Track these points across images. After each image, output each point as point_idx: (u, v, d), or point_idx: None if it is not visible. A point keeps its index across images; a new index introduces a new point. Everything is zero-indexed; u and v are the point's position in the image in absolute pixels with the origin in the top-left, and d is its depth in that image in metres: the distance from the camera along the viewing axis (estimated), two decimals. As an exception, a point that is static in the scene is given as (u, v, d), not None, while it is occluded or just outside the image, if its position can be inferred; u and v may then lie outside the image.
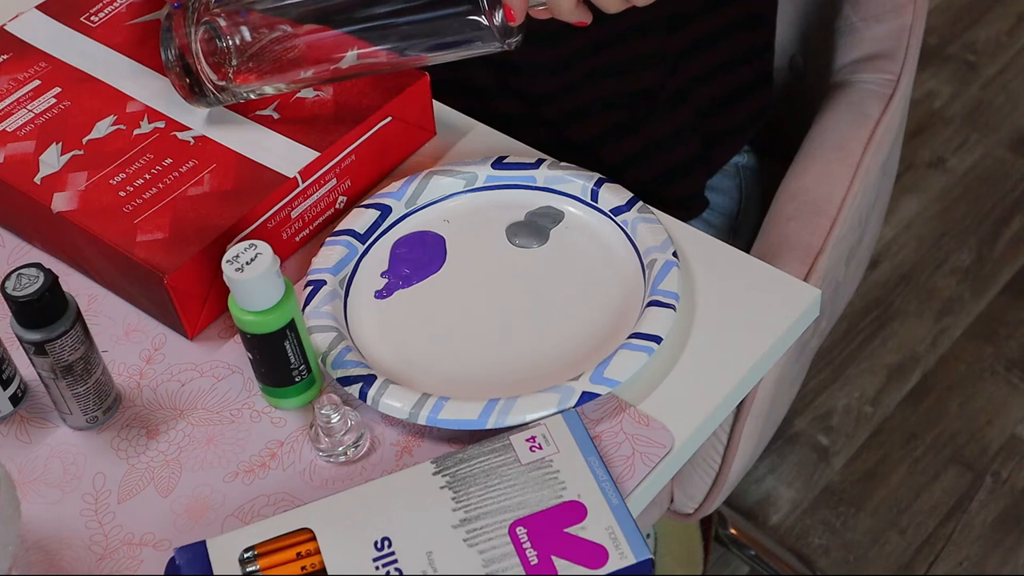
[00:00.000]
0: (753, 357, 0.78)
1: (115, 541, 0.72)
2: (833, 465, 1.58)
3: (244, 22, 0.81)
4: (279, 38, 0.81)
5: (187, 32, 0.82)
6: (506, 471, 0.71)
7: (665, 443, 0.74)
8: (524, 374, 0.78)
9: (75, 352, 0.74)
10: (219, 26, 0.82)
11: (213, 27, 0.82)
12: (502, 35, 0.77)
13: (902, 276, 1.79)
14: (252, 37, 0.82)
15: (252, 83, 0.84)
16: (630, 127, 1.03)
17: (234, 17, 0.82)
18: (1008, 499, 1.53)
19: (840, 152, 1.03)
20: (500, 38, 0.77)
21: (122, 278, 0.83)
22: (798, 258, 0.97)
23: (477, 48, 0.79)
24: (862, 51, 1.10)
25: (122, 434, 0.78)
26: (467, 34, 0.78)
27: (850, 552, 1.50)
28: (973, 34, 2.15)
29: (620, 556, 0.66)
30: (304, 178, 0.85)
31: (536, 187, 0.88)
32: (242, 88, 0.84)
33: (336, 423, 0.73)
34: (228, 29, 0.82)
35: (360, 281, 0.84)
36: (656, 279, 0.80)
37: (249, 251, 0.71)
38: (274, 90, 0.85)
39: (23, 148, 0.87)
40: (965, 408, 1.63)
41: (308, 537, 0.69)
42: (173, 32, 0.83)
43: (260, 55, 0.82)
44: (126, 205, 0.83)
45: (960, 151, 1.96)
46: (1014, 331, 1.71)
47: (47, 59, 0.94)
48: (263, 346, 0.74)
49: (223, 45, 0.82)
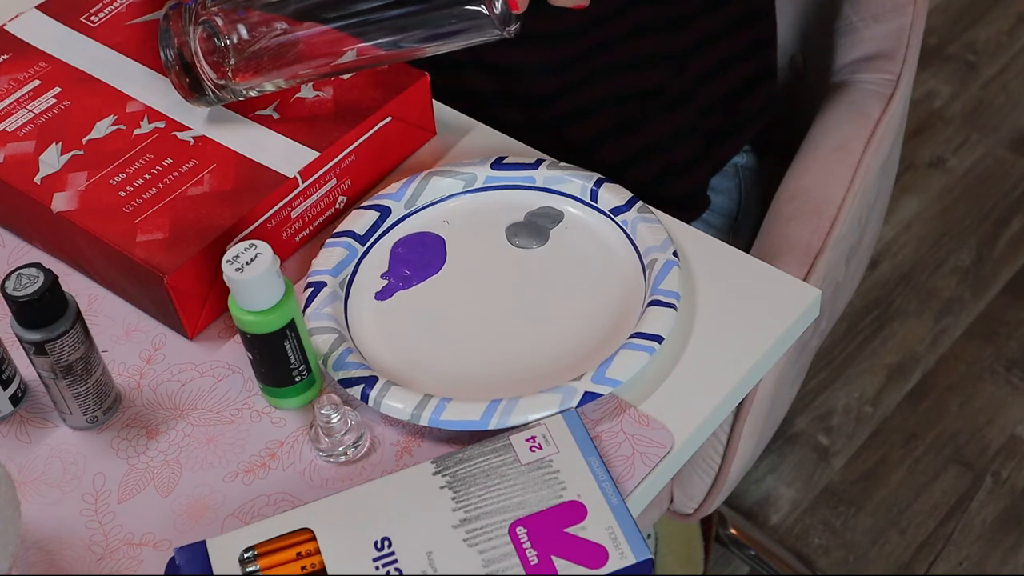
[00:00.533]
0: (753, 357, 0.78)
1: (115, 541, 0.72)
2: (833, 465, 1.58)
3: (242, 20, 0.81)
4: (277, 35, 0.81)
5: (185, 31, 0.82)
6: (506, 471, 0.71)
7: (665, 443, 0.74)
8: (525, 374, 0.78)
9: (75, 352, 0.74)
10: (217, 25, 0.82)
11: (211, 26, 0.82)
12: (502, 22, 0.76)
13: (902, 276, 1.79)
14: (250, 35, 0.81)
15: (252, 80, 0.84)
16: (632, 126, 1.03)
17: (231, 15, 0.82)
18: (1008, 499, 1.53)
19: (840, 152, 1.03)
20: (500, 25, 0.76)
21: (122, 278, 0.83)
22: (798, 258, 0.97)
23: (476, 37, 0.78)
24: (862, 51, 1.10)
25: (122, 434, 0.78)
26: (466, 22, 0.77)
27: (850, 552, 1.50)
28: (973, 34, 2.15)
29: (620, 556, 0.66)
30: (304, 178, 0.85)
31: (536, 187, 0.88)
32: (241, 86, 0.84)
33: (336, 423, 0.73)
34: (226, 27, 0.81)
35: (360, 282, 0.84)
36: (657, 279, 0.80)
37: (249, 251, 0.71)
38: (274, 87, 0.85)
39: (23, 148, 0.87)
40: (965, 408, 1.63)
41: (308, 537, 0.69)
42: (171, 32, 0.83)
43: (259, 52, 0.82)
44: (126, 205, 0.83)
45: (960, 151, 1.96)
46: (1014, 331, 1.71)
47: (47, 59, 0.94)
48: (263, 346, 0.74)
49: (221, 44, 0.82)
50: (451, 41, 0.79)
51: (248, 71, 0.83)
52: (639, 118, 1.03)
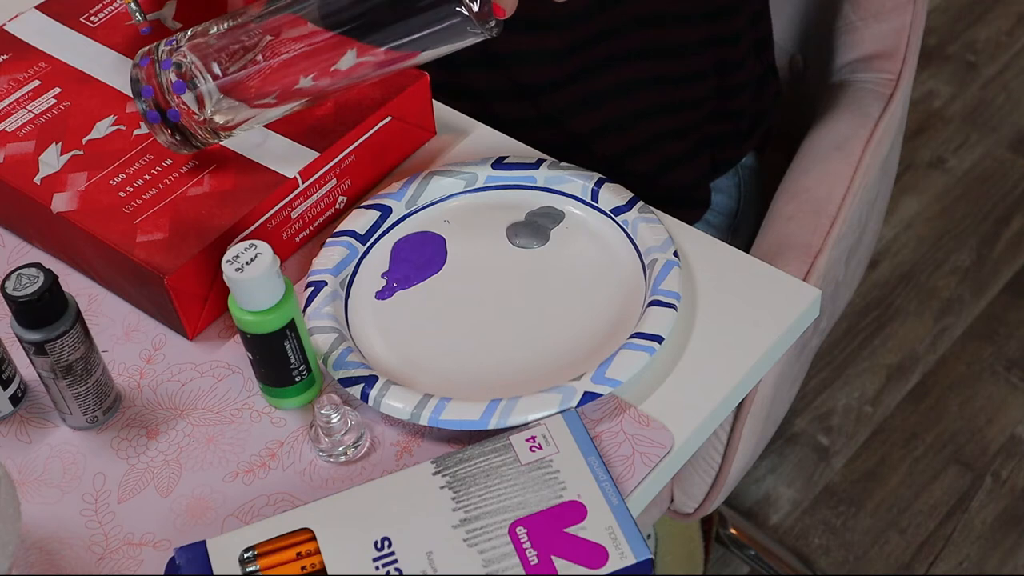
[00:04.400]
0: (753, 357, 0.78)
1: (115, 541, 0.72)
2: (833, 465, 1.58)
3: (215, 54, 0.79)
4: (255, 62, 0.79)
5: (166, 98, 0.80)
6: (506, 471, 0.71)
7: (665, 443, 0.74)
8: (525, 374, 0.78)
9: (75, 352, 0.74)
10: (191, 73, 0.79)
11: (186, 75, 0.79)
12: (481, 22, 0.75)
13: (902, 276, 1.79)
14: (227, 73, 0.79)
15: (241, 118, 0.82)
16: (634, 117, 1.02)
17: (205, 50, 0.79)
18: (1008, 499, 1.53)
19: (840, 152, 1.03)
20: (481, 26, 0.75)
21: (122, 278, 0.83)
22: (798, 258, 0.97)
23: (458, 39, 0.77)
24: (862, 51, 1.10)
25: (122, 434, 0.78)
26: (447, 22, 0.76)
27: (850, 552, 1.50)
28: (973, 34, 2.15)
29: (620, 556, 0.66)
30: (304, 178, 0.85)
31: (536, 187, 0.88)
32: (227, 119, 0.81)
33: (336, 423, 0.73)
34: (198, 72, 0.79)
35: (361, 282, 0.84)
36: (657, 279, 0.80)
37: (249, 251, 0.71)
38: (262, 120, 0.83)
39: (23, 148, 0.87)
40: (965, 408, 1.63)
41: (308, 537, 0.69)
42: (143, 81, 0.80)
43: (240, 85, 0.79)
44: (126, 205, 0.83)
45: (960, 151, 1.96)
46: (1014, 331, 1.71)
47: (47, 59, 0.94)
48: (263, 346, 0.74)
49: (201, 89, 0.79)
50: (435, 44, 0.77)
51: (233, 112, 0.81)
52: (641, 109, 1.02)
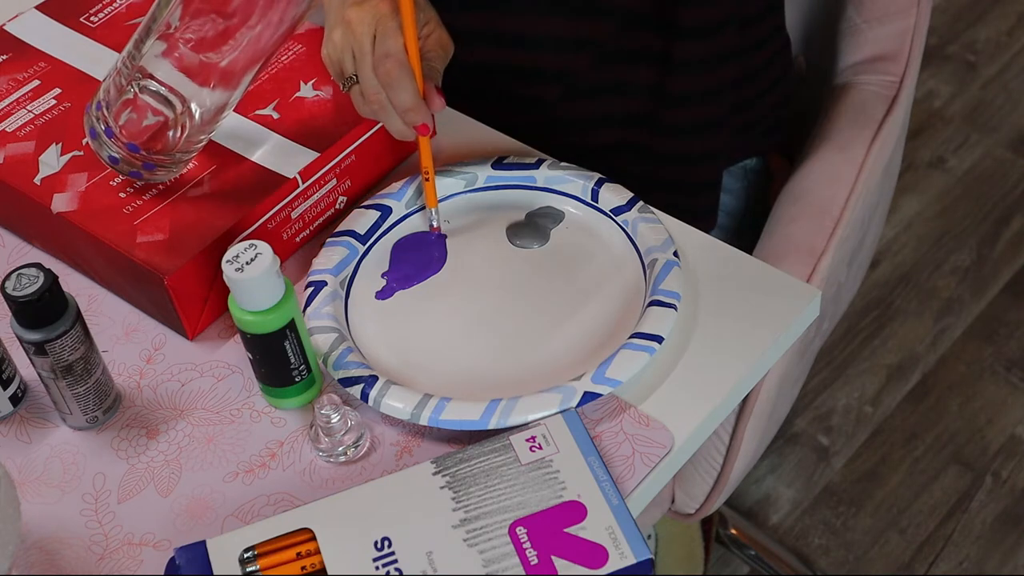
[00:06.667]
0: (753, 358, 0.78)
1: (115, 541, 0.72)
2: (833, 465, 1.58)
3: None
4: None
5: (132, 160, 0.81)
6: (506, 471, 0.70)
7: (665, 443, 0.74)
8: (525, 374, 0.77)
9: (75, 352, 0.73)
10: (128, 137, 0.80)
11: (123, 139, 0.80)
12: None
13: (902, 276, 1.79)
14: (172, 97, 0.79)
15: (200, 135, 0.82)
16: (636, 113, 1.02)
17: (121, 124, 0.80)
18: (1008, 499, 1.53)
19: (844, 154, 1.03)
20: None
21: (122, 278, 0.83)
22: (801, 259, 0.97)
23: None
24: (866, 53, 1.10)
25: (122, 434, 0.78)
26: None
27: (850, 552, 1.50)
28: (973, 34, 2.14)
29: (620, 556, 0.66)
30: (304, 178, 0.85)
31: (536, 187, 0.88)
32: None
33: (336, 423, 0.73)
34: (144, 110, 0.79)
35: (361, 282, 0.84)
36: (657, 279, 0.80)
37: (249, 251, 0.71)
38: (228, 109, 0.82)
39: (23, 148, 0.87)
40: (965, 408, 1.63)
41: (308, 537, 0.69)
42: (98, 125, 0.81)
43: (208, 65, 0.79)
44: (126, 206, 0.83)
45: (960, 151, 1.96)
46: (1014, 331, 1.71)
47: (47, 59, 0.94)
48: (263, 346, 0.73)
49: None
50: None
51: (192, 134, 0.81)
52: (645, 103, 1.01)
